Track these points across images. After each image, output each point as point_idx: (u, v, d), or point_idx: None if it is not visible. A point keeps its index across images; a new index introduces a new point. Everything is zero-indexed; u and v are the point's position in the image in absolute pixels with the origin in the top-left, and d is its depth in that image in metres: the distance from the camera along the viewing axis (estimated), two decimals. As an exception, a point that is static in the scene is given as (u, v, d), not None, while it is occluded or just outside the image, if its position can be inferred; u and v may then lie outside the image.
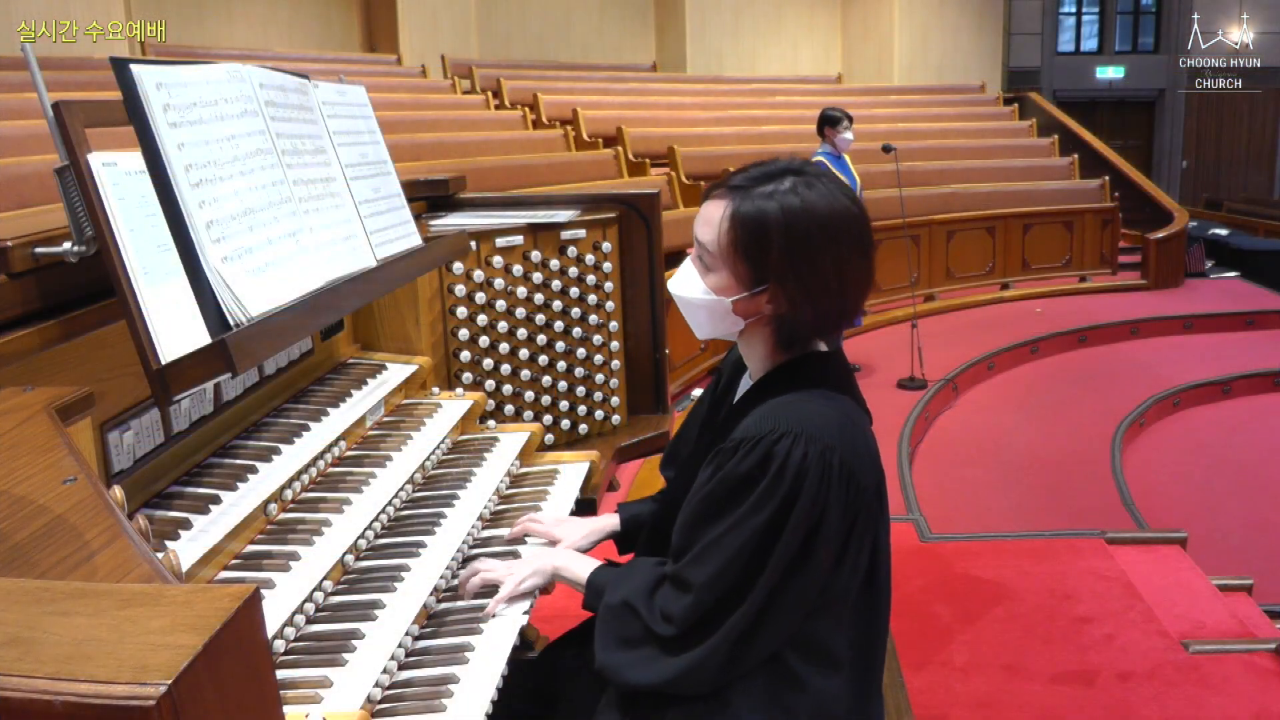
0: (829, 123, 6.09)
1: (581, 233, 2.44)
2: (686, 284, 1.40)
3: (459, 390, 2.22)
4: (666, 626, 1.31)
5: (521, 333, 2.36)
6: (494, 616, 1.47)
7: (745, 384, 1.49)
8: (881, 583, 1.39)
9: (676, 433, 1.71)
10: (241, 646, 0.62)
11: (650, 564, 1.42)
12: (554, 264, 2.40)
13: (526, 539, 1.72)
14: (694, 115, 10.36)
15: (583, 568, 1.50)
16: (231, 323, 1.30)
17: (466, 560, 1.67)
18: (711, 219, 1.35)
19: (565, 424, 2.46)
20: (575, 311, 2.44)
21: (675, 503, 1.47)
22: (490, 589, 1.52)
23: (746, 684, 1.33)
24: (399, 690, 1.31)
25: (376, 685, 1.27)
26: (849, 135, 6.07)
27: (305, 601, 1.36)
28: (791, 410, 1.31)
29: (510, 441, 2.05)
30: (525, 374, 2.37)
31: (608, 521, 1.75)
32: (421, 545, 1.58)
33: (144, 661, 0.56)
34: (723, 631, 1.29)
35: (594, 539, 1.72)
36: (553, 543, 1.69)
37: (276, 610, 1.30)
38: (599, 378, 2.50)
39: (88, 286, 1.39)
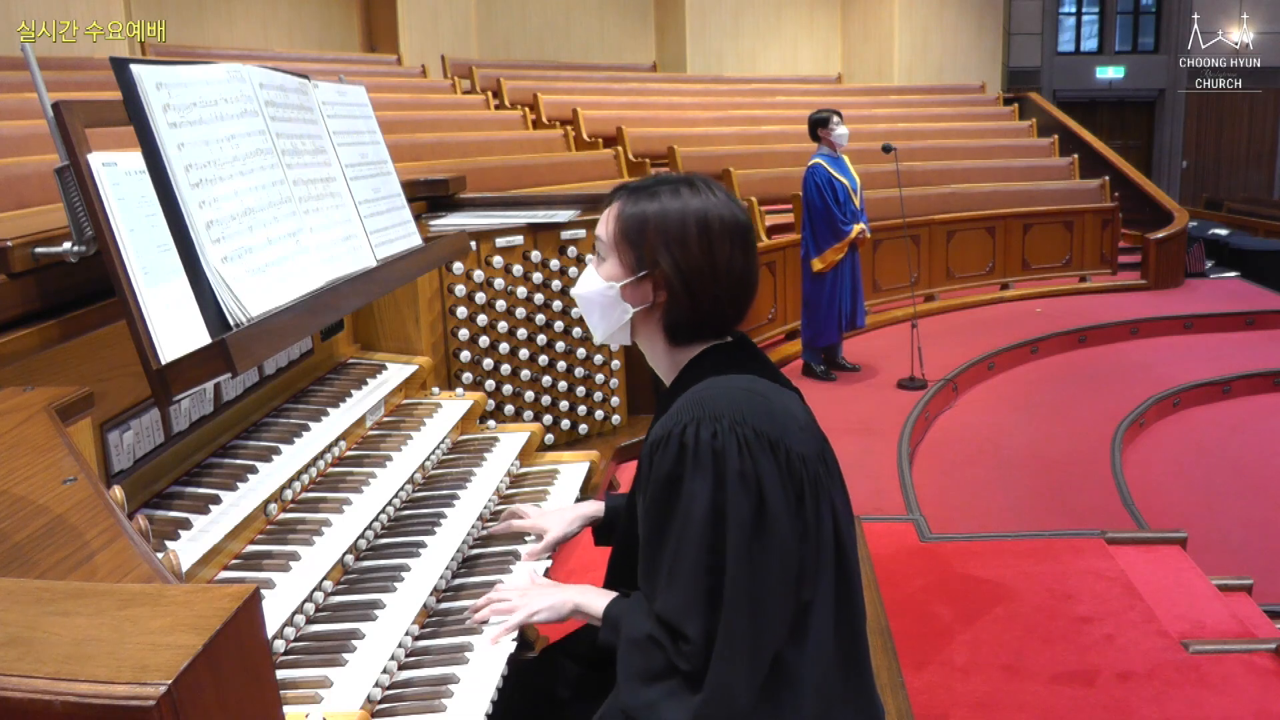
0: (819, 124, 6.11)
1: (581, 233, 2.44)
2: (585, 282, 1.50)
3: (459, 390, 2.22)
4: (684, 662, 1.29)
5: (521, 333, 2.36)
6: (491, 644, 1.44)
7: None
8: (849, 552, 1.38)
9: None
10: (241, 646, 0.62)
11: None
12: (554, 264, 2.41)
13: (527, 538, 1.72)
14: (694, 115, 10.35)
15: (599, 602, 1.47)
16: (231, 323, 1.30)
17: (467, 560, 1.67)
18: (606, 216, 1.48)
19: (565, 424, 2.46)
20: (575, 311, 2.44)
21: (626, 519, 1.50)
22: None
23: None
24: (399, 690, 1.31)
25: (376, 685, 1.27)
26: (843, 130, 6.08)
27: (305, 601, 1.36)
28: (691, 400, 1.35)
29: (510, 441, 2.05)
30: (525, 374, 2.37)
31: (592, 508, 1.76)
32: (421, 545, 1.58)
33: (144, 661, 0.56)
34: (723, 644, 1.26)
35: (577, 525, 1.74)
36: (539, 536, 1.71)
37: (276, 610, 1.30)
38: (599, 378, 2.50)
39: (88, 286, 1.39)
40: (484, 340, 2.30)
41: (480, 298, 2.30)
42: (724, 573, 1.26)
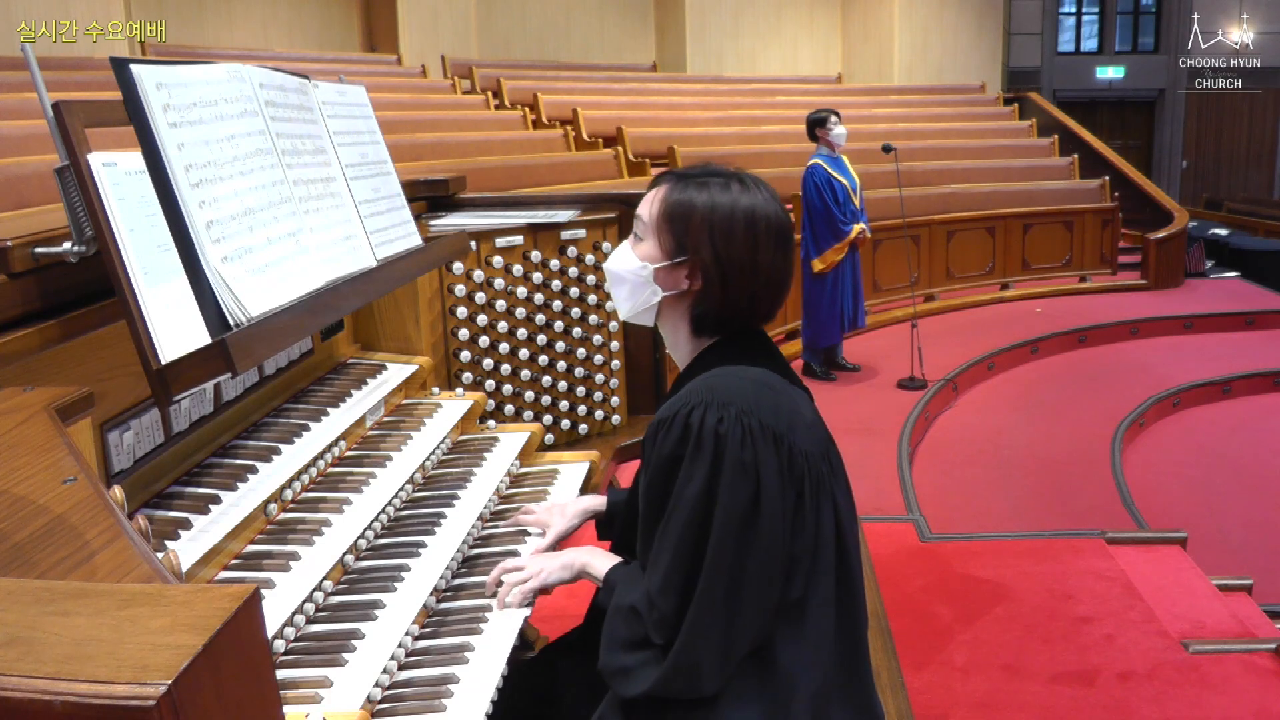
0: (817, 124, 6.11)
1: (581, 233, 2.44)
2: (618, 258, 1.51)
3: (459, 390, 2.22)
4: (658, 634, 1.31)
5: (521, 333, 2.36)
6: (506, 606, 1.49)
7: None
8: (851, 553, 1.39)
9: None
10: (241, 646, 0.62)
11: None
12: (554, 264, 2.41)
13: (526, 537, 1.73)
14: (694, 115, 10.35)
15: (605, 564, 1.51)
16: (231, 323, 1.30)
17: (467, 560, 1.67)
18: (651, 197, 1.49)
19: (565, 424, 2.46)
20: (575, 311, 2.44)
21: (631, 501, 1.52)
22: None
23: (734, 678, 1.32)
24: (399, 690, 1.31)
25: (376, 685, 1.27)
26: (841, 129, 6.08)
27: (305, 601, 1.36)
28: (703, 384, 1.37)
29: (510, 441, 2.05)
30: (525, 374, 2.37)
31: (594, 502, 1.78)
32: (421, 545, 1.58)
33: (144, 661, 0.56)
34: (693, 620, 1.27)
35: (577, 520, 1.75)
36: (544, 530, 1.72)
37: (276, 610, 1.30)
38: (599, 378, 2.50)
39: (88, 286, 1.39)
40: (484, 340, 2.30)
41: (480, 298, 2.30)
42: (702, 548, 1.28)
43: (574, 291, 2.43)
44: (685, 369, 1.49)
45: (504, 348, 2.33)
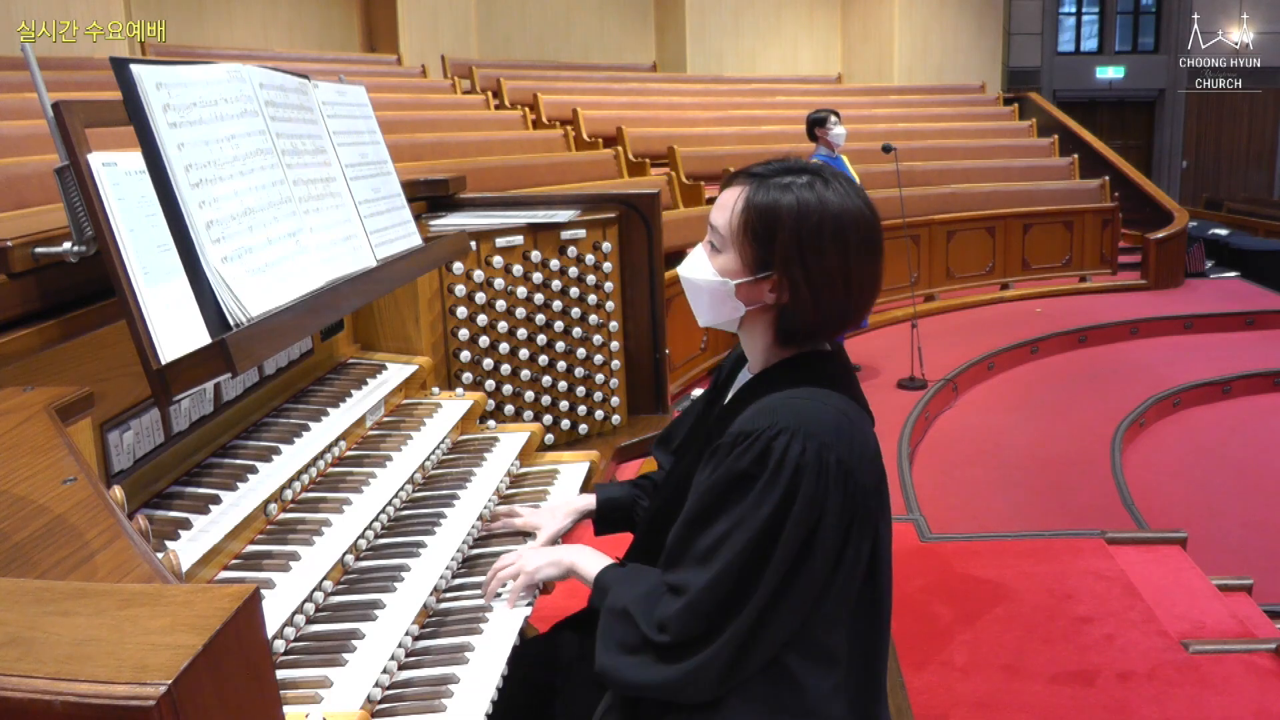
0: (817, 124, 6.11)
1: (581, 233, 2.44)
2: (694, 266, 1.42)
3: (459, 390, 2.22)
4: (662, 635, 1.30)
5: (521, 333, 2.36)
6: (507, 606, 1.49)
7: (744, 379, 1.49)
8: (882, 582, 1.38)
9: (675, 419, 1.72)
10: (241, 646, 0.62)
11: (656, 571, 1.40)
12: (554, 264, 2.41)
13: (526, 537, 1.73)
14: (694, 115, 10.36)
15: (594, 566, 1.49)
16: (231, 323, 1.30)
17: (467, 560, 1.67)
18: (726, 203, 1.38)
19: (565, 424, 2.46)
20: (575, 311, 2.44)
21: (665, 491, 1.50)
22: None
23: (744, 687, 1.32)
24: (399, 690, 1.31)
25: (376, 685, 1.27)
26: (841, 129, 6.08)
27: (305, 601, 1.36)
28: (790, 406, 1.31)
29: (510, 441, 2.05)
30: (525, 374, 2.37)
31: (584, 502, 1.77)
32: (421, 545, 1.58)
33: (144, 661, 0.56)
34: (724, 638, 1.27)
35: (571, 519, 1.74)
36: (534, 532, 1.72)
37: (276, 610, 1.30)
38: (599, 378, 2.50)
39: (88, 286, 1.39)
40: (484, 340, 2.30)
41: (480, 298, 2.30)
42: (757, 576, 1.26)
43: (574, 291, 2.43)
44: (761, 375, 1.42)
45: (504, 348, 2.33)
